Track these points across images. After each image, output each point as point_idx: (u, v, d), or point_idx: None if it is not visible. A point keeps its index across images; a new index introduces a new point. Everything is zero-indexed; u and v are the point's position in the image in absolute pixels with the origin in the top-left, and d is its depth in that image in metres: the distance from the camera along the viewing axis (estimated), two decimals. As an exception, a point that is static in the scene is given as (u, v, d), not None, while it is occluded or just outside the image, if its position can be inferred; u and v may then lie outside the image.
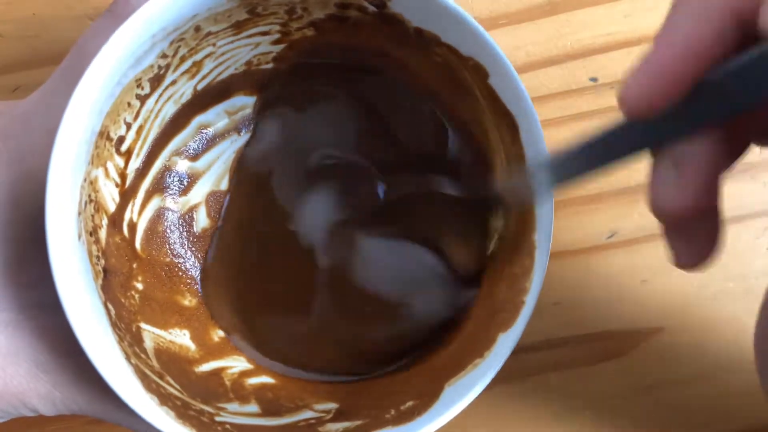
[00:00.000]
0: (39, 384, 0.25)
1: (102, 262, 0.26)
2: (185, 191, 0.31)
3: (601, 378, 0.32)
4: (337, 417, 0.27)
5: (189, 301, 0.30)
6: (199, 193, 0.31)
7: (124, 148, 0.27)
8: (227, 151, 0.31)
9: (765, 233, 0.33)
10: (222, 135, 0.31)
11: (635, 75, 0.18)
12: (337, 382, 0.30)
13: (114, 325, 0.25)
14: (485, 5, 0.34)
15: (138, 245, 0.29)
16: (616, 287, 0.33)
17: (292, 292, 0.31)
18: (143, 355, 0.26)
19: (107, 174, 0.27)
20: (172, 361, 0.27)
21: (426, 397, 0.26)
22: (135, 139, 0.28)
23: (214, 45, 0.28)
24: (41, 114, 0.26)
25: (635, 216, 0.33)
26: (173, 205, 0.31)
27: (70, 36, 0.33)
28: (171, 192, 0.31)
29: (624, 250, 0.33)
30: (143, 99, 0.27)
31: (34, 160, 0.25)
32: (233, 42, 0.28)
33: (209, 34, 0.27)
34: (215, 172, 0.31)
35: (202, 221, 0.31)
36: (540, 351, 0.32)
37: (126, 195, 0.28)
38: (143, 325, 0.27)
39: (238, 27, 0.27)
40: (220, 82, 0.30)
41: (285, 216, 0.31)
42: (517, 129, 0.26)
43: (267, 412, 0.28)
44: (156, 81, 0.27)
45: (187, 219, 0.31)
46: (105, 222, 0.27)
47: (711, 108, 0.18)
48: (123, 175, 0.28)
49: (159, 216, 0.30)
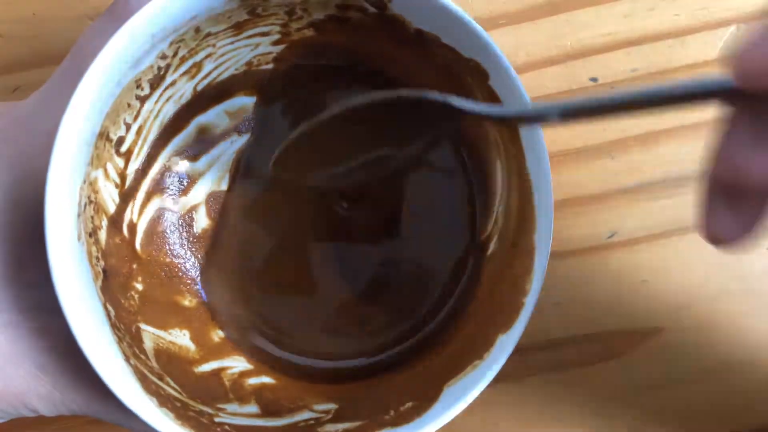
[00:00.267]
0: (39, 385, 0.25)
1: (102, 263, 0.26)
2: (185, 192, 0.31)
3: (601, 378, 0.32)
4: (337, 418, 0.27)
5: (189, 302, 0.30)
6: (199, 194, 0.31)
7: (123, 148, 0.27)
8: (227, 152, 0.31)
9: (765, 233, 0.33)
10: (222, 135, 0.31)
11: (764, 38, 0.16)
12: (339, 378, 0.30)
13: (113, 326, 0.25)
14: (485, 5, 0.34)
15: (138, 246, 0.29)
16: (616, 287, 0.33)
17: (294, 285, 0.31)
18: (143, 356, 0.26)
19: (107, 175, 0.27)
20: (171, 362, 0.27)
21: (425, 398, 0.26)
22: (135, 140, 0.28)
23: (213, 46, 0.28)
24: (41, 115, 0.25)
25: (635, 216, 0.33)
26: (173, 206, 0.31)
27: (70, 36, 0.33)
28: (171, 192, 0.31)
29: (624, 250, 0.33)
30: (143, 100, 0.27)
31: (33, 161, 0.25)
32: (233, 43, 0.28)
33: (209, 35, 0.27)
34: (215, 172, 0.31)
35: (202, 222, 0.31)
36: (540, 351, 0.32)
37: (126, 196, 0.28)
38: (143, 326, 0.27)
39: (238, 28, 0.27)
40: (220, 82, 0.30)
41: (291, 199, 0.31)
42: (517, 129, 0.26)
43: (266, 412, 0.28)
44: (156, 82, 0.27)
45: (187, 219, 0.31)
46: (105, 223, 0.27)
47: None
48: (123, 176, 0.28)
49: (159, 216, 0.30)
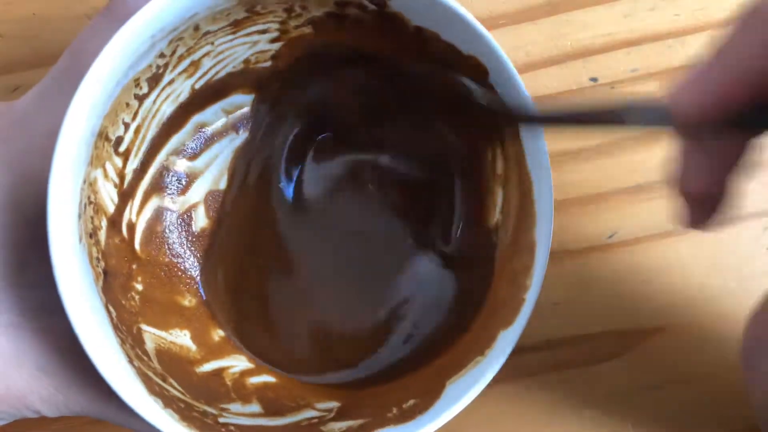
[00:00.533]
0: (41, 386, 0.25)
1: (102, 263, 0.26)
2: (184, 191, 0.31)
3: (601, 378, 0.32)
4: (339, 416, 0.27)
5: (189, 302, 0.30)
6: (198, 193, 0.31)
7: (122, 148, 0.27)
8: (225, 150, 0.31)
9: (765, 233, 0.33)
10: (220, 134, 0.31)
11: (693, 82, 0.19)
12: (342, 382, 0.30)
13: (116, 328, 0.25)
14: (485, 5, 0.34)
15: (137, 246, 0.29)
16: (616, 287, 0.33)
17: (291, 287, 0.31)
18: (145, 357, 0.26)
19: (106, 175, 0.27)
20: (173, 362, 0.27)
21: (427, 396, 0.26)
22: (133, 140, 0.28)
23: (212, 44, 0.28)
24: (40, 115, 0.25)
25: (635, 216, 0.33)
26: (172, 205, 0.31)
27: (70, 36, 0.33)
28: (169, 192, 0.30)
29: (624, 250, 0.33)
30: (141, 99, 0.27)
31: (32, 162, 0.25)
32: (231, 40, 0.28)
33: (208, 33, 0.27)
34: (213, 171, 0.31)
35: (200, 221, 0.31)
36: (540, 351, 0.32)
37: (124, 195, 0.28)
38: (144, 327, 0.27)
39: (236, 25, 0.27)
40: (217, 80, 0.29)
41: (285, 199, 0.31)
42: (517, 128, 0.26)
43: (269, 411, 0.28)
44: (154, 81, 0.27)
45: (186, 219, 0.31)
46: (104, 223, 0.27)
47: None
48: (121, 176, 0.28)
49: (158, 216, 0.30)
